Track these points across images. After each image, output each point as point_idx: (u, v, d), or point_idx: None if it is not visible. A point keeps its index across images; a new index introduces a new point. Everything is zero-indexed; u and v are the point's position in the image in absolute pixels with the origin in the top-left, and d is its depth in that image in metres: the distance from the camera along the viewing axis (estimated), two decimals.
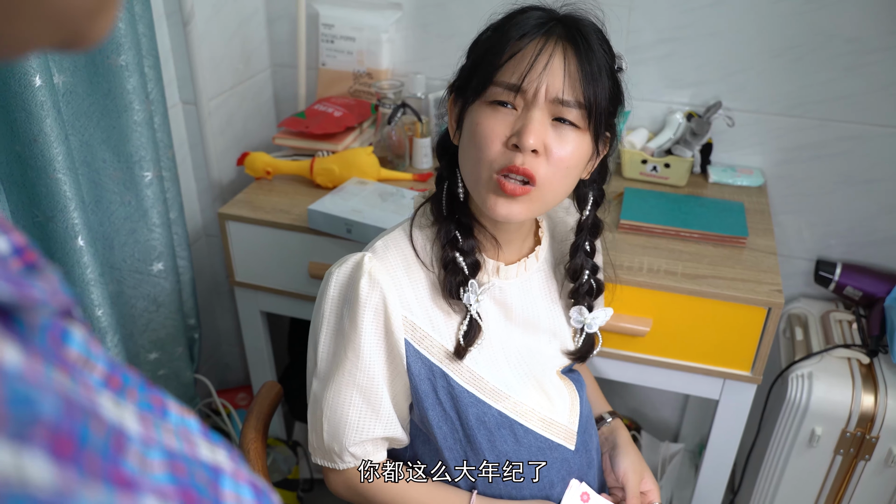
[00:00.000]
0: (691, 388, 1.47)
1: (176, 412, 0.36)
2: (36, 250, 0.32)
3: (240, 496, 0.34)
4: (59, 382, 0.25)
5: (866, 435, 1.48)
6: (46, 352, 0.26)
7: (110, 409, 0.28)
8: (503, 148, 0.90)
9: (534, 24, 0.89)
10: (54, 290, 0.29)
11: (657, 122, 1.78)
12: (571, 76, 0.88)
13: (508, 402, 1.05)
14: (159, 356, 1.63)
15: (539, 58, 0.88)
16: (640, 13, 1.67)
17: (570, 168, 0.93)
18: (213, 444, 0.35)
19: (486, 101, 0.92)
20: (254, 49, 1.90)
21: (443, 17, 1.81)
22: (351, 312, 0.97)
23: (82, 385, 0.28)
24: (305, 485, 2.04)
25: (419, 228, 1.04)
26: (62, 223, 1.25)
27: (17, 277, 0.27)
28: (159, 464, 0.29)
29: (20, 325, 0.26)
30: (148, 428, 0.30)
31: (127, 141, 1.39)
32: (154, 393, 0.35)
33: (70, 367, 0.28)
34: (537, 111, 0.89)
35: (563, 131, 0.90)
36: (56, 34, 0.30)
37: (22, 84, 1.13)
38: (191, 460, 0.32)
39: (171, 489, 0.28)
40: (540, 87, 0.88)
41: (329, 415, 1.01)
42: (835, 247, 1.78)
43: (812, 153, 1.70)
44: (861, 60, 1.58)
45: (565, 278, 1.12)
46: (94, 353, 0.32)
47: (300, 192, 1.65)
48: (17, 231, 0.32)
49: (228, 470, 0.34)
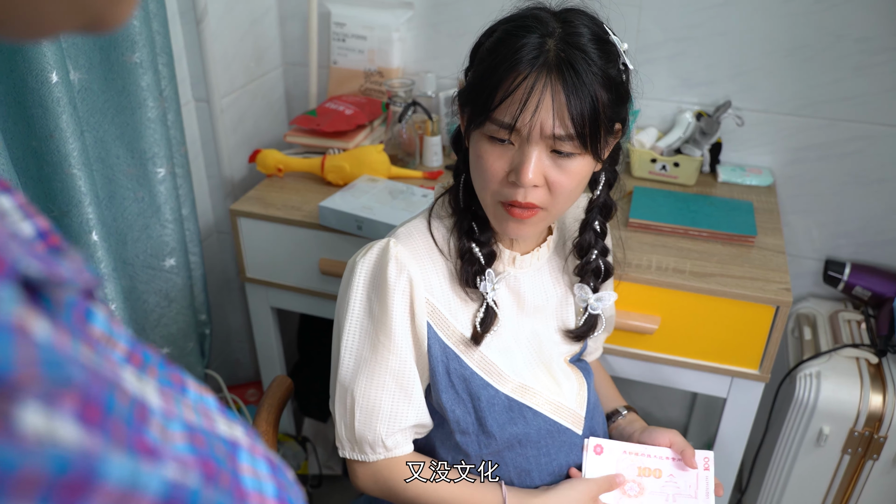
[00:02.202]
0: (699, 386, 1.48)
1: (194, 390, 0.37)
2: (59, 234, 0.33)
3: (256, 469, 0.35)
4: (85, 355, 0.26)
5: (874, 435, 1.48)
6: (72, 328, 0.28)
7: (133, 383, 0.29)
8: (504, 181, 0.94)
9: (527, 60, 0.88)
10: (80, 269, 0.30)
11: (667, 122, 1.79)
12: (562, 112, 0.88)
13: (518, 386, 1.08)
14: (170, 351, 1.64)
15: (530, 98, 0.88)
16: (649, 12, 1.68)
17: (574, 188, 0.96)
18: (230, 420, 0.36)
19: (485, 133, 0.93)
20: (266, 47, 1.91)
21: (453, 16, 1.82)
22: (380, 297, 1.00)
23: (106, 359, 0.29)
24: (314, 481, 2.06)
25: (438, 218, 1.07)
26: (77, 218, 1.26)
27: (46, 257, 0.28)
28: (180, 435, 0.30)
29: (47, 303, 0.27)
30: (168, 402, 0.31)
31: (140, 137, 1.40)
32: (173, 371, 0.37)
33: (94, 342, 0.29)
34: (533, 147, 0.91)
35: (561, 161, 0.92)
36: (79, 16, 0.31)
37: (39, 80, 1.15)
38: (210, 434, 0.33)
39: (191, 459, 0.29)
40: (534, 127, 0.89)
41: (362, 403, 1.02)
42: (844, 247, 1.78)
43: (821, 153, 1.70)
44: (871, 60, 1.58)
45: (572, 253, 1.14)
46: (117, 331, 0.33)
47: (311, 189, 1.66)
48: (41, 216, 0.34)
49: (245, 445, 0.35)
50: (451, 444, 1.10)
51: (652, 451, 1.15)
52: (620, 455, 1.15)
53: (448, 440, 1.10)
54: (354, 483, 1.10)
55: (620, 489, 1.11)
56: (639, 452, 1.15)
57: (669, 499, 1.11)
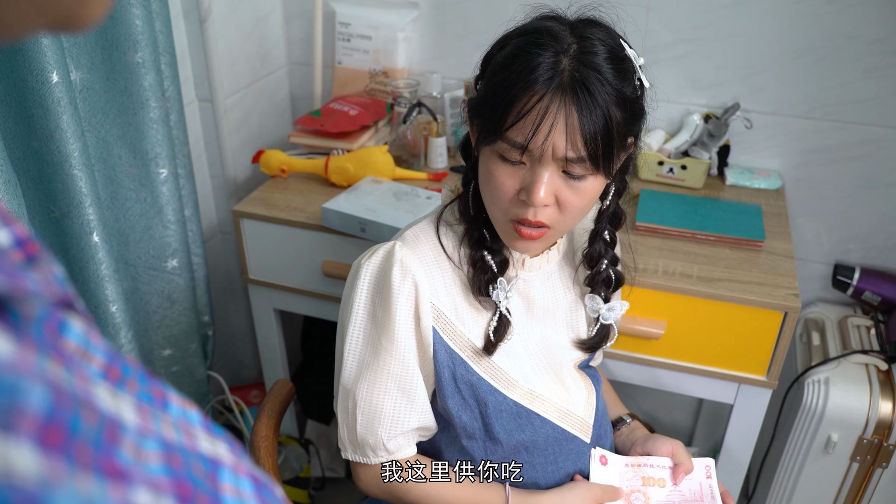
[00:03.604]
0: (706, 391, 1.46)
1: (177, 404, 0.36)
2: (38, 243, 0.32)
3: (239, 489, 0.33)
4: (52, 372, 0.25)
5: (883, 442, 1.46)
6: (41, 342, 0.26)
7: (106, 400, 0.28)
8: (515, 200, 0.93)
9: (542, 81, 0.86)
10: (48, 282, 0.29)
11: (674, 124, 1.77)
12: (574, 135, 0.87)
13: (526, 393, 1.07)
14: (173, 353, 1.64)
15: (544, 121, 0.86)
16: (657, 13, 1.66)
17: (585, 206, 0.95)
18: (213, 436, 0.35)
19: (496, 151, 0.92)
20: (270, 47, 1.90)
21: (459, 16, 1.80)
22: (384, 301, 0.99)
23: (78, 375, 0.27)
24: (317, 483, 2.05)
25: (447, 224, 1.06)
26: (77, 219, 1.25)
27: (11, 269, 0.27)
28: (155, 455, 0.29)
29: (15, 317, 0.26)
30: (146, 419, 0.30)
31: (143, 138, 1.39)
32: (155, 385, 0.35)
33: (66, 357, 0.28)
34: (545, 167, 0.90)
35: (573, 182, 0.92)
36: (45, 15, 0.30)
37: (39, 80, 1.14)
38: (188, 452, 0.31)
39: (165, 481, 0.28)
40: (546, 149, 0.88)
41: (364, 406, 1.02)
42: (853, 251, 1.76)
43: (831, 156, 1.68)
44: (882, 62, 1.56)
45: (582, 264, 1.13)
46: (94, 344, 0.32)
47: (315, 190, 1.65)
48: (20, 223, 0.32)
49: (228, 462, 0.34)
50: (456, 447, 1.09)
51: (655, 462, 1.15)
52: (623, 468, 1.14)
53: (454, 443, 1.09)
54: (358, 485, 1.09)
55: (625, 499, 1.10)
56: (642, 464, 1.15)
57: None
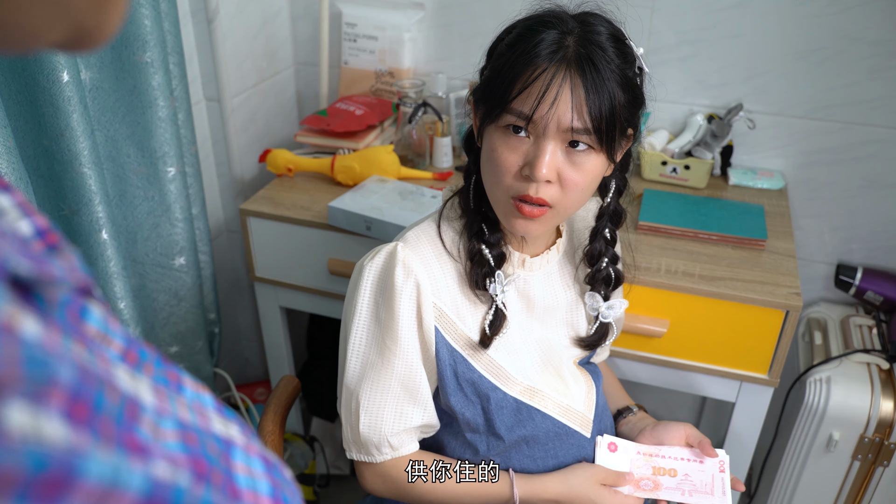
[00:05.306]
0: (708, 390, 1.47)
1: (191, 388, 0.37)
2: (58, 233, 0.34)
3: (251, 468, 0.35)
4: (77, 353, 0.26)
5: (885, 441, 1.47)
6: (65, 326, 0.28)
7: (126, 381, 0.29)
8: (518, 175, 0.93)
9: (546, 54, 0.89)
10: (72, 268, 0.30)
11: (677, 124, 1.78)
12: (580, 106, 0.88)
13: (526, 389, 1.08)
14: (180, 350, 1.65)
15: (549, 91, 0.88)
16: (661, 14, 1.67)
17: (586, 187, 0.95)
18: (226, 419, 0.36)
19: (500, 126, 0.93)
20: (277, 47, 1.92)
21: (465, 16, 1.81)
22: (387, 301, 1.00)
23: (99, 357, 0.29)
24: (322, 480, 2.06)
25: (447, 220, 1.07)
26: (87, 216, 1.27)
27: (38, 255, 0.28)
28: (172, 433, 0.30)
29: (40, 301, 0.27)
30: (162, 400, 0.31)
31: (151, 137, 1.41)
32: (170, 369, 0.37)
33: (88, 340, 0.29)
34: (549, 141, 0.90)
35: (576, 156, 0.92)
36: (66, 22, 0.31)
37: (50, 79, 1.16)
38: (203, 432, 0.33)
39: (182, 457, 0.29)
40: (550, 120, 0.89)
41: (367, 406, 1.03)
42: (856, 251, 1.76)
43: (834, 157, 1.69)
44: (886, 63, 1.57)
45: (583, 262, 1.14)
46: (113, 329, 0.33)
47: (321, 189, 1.67)
48: (40, 214, 0.34)
49: (240, 443, 0.35)
50: (460, 440, 1.11)
51: (667, 452, 1.15)
52: (634, 455, 1.14)
53: (457, 437, 1.11)
54: (362, 484, 1.10)
55: (634, 484, 1.11)
56: (653, 454, 1.15)
57: (686, 494, 1.11)
